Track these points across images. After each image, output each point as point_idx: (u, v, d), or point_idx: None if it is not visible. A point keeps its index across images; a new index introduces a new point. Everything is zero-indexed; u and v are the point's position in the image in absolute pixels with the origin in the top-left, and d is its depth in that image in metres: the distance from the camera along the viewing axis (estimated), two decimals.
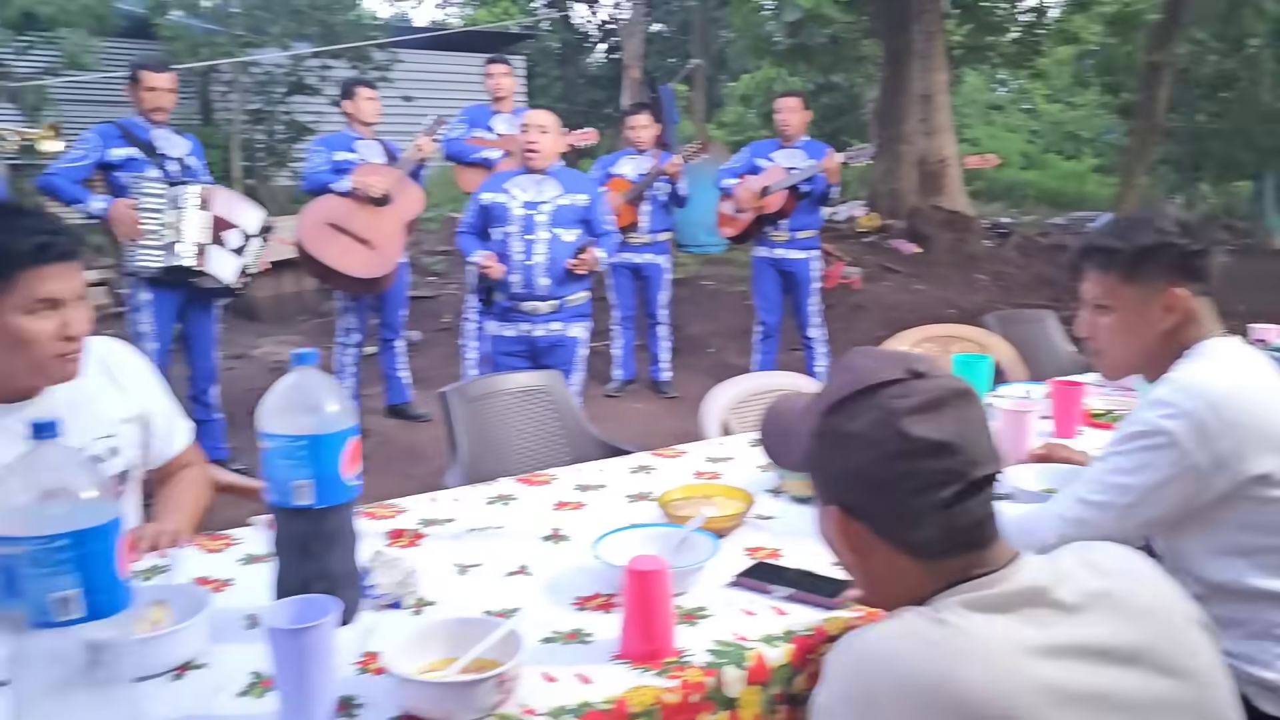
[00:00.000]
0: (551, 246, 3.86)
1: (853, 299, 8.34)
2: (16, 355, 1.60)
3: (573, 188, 3.95)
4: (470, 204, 4.07)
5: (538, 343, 3.98)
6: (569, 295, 3.96)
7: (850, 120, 17.77)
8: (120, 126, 4.31)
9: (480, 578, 1.65)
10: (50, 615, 1.08)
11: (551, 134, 3.90)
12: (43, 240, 1.57)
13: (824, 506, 1.13)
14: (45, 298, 1.59)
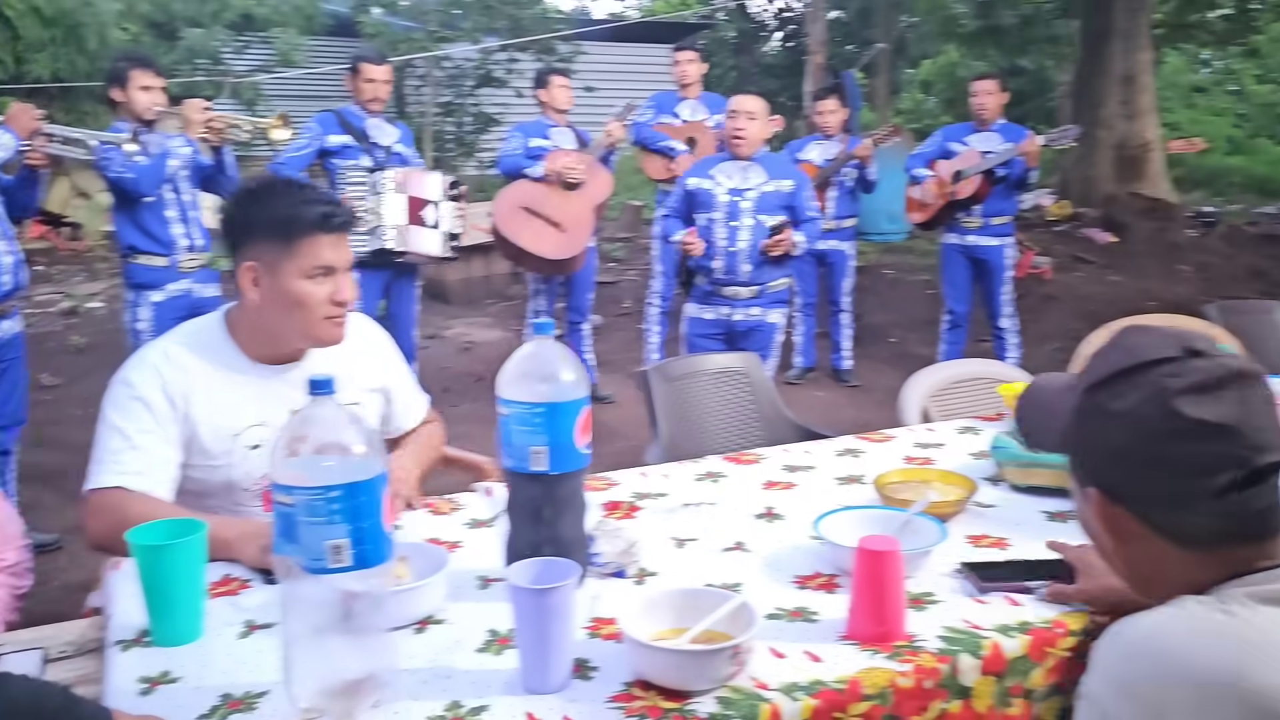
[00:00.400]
0: (755, 233, 3.86)
1: (1043, 289, 7.97)
2: (294, 316, 1.72)
3: (778, 174, 3.93)
4: (675, 189, 4.11)
5: (736, 326, 3.99)
6: (770, 281, 3.96)
7: (1037, 105, 16.94)
8: (338, 115, 4.57)
9: (698, 552, 1.66)
10: (322, 562, 1.15)
11: (759, 120, 3.89)
12: (325, 210, 1.69)
13: (1083, 489, 1.07)
14: (323, 264, 1.70)
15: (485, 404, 5.27)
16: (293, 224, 1.68)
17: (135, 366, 1.75)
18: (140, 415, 1.70)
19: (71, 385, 5.80)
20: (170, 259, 3.84)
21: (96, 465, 1.70)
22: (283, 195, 1.70)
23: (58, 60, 8.79)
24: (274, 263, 1.69)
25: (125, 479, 1.67)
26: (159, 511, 1.58)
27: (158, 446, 1.70)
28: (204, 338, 1.79)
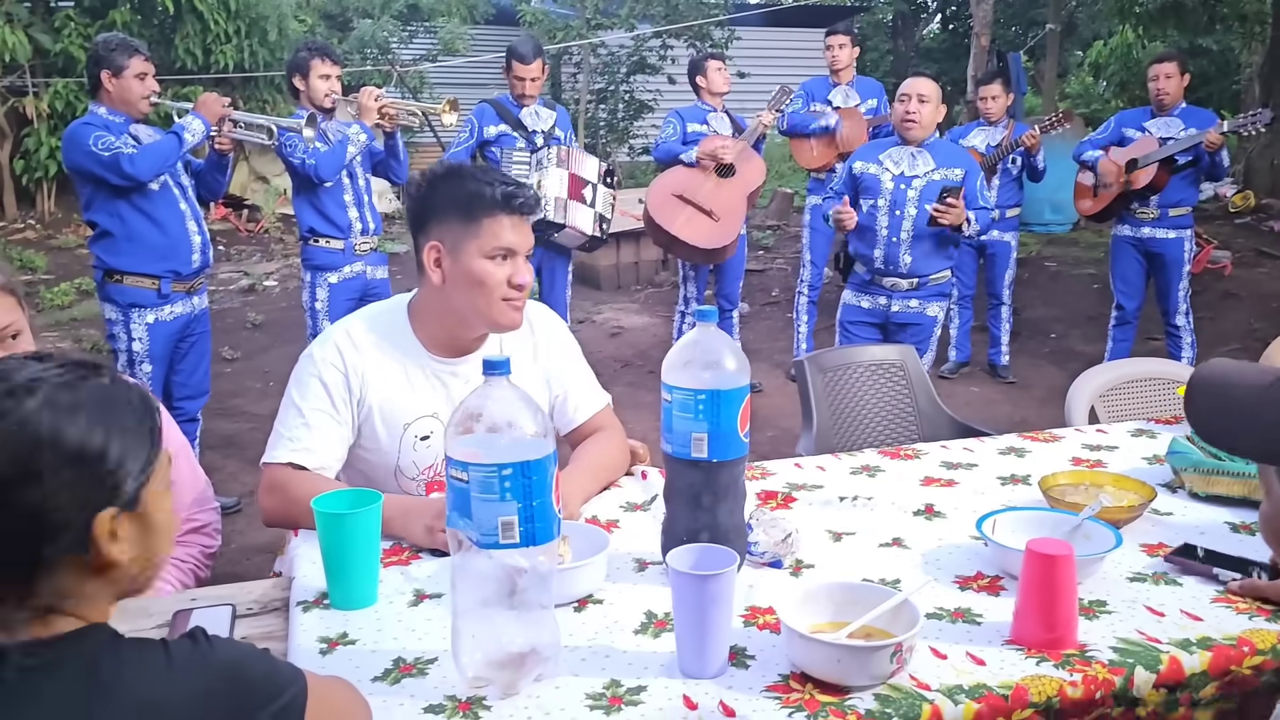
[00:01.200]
0: (918, 222, 3.72)
1: (1222, 285, 7.48)
2: (473, 296, 1.74)
3: (947, 162, 3.77)
4: (842, 171, 3.99)
5: (893, 318, 3.87)
6: (931, 273, 3.82)
7: (1220, 88, 15.87)
8: (495, 105, 4.70)
9: (855, 546, 1.64)
10: (494, 538, 1.19)
11: (931, 103, 3.72)
12: (509, 190, 1.71)
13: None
14: (504, 245, 1.72)
15: (633, 389, 5.34)
16: (476, 203, 1.70)
17: (320, 344, 1.82)
18: (319, 394, 1.77)
19: (250, 359, 6.17)
20: (346, 242, 4.04)
21: (275, 439, 1.78)
22: (468, 177, 1.73)
23: (241, 51, 9.31)
24: (456, 242, 1.72)
25: (298, 455, 1.75)
26: (326, 490, 1.65)
27: (331, 426, 1.77)
28: (386, 324, 1.83)
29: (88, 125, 3.49)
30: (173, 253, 3.63)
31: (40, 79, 9.14)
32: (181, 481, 1.84)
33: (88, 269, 7.85)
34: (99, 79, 3.51)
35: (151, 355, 3.66)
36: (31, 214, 9.60)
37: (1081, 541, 1.51)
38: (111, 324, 3.66)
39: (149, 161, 3.47)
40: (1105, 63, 16.59)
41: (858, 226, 3.83)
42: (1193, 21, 11.37)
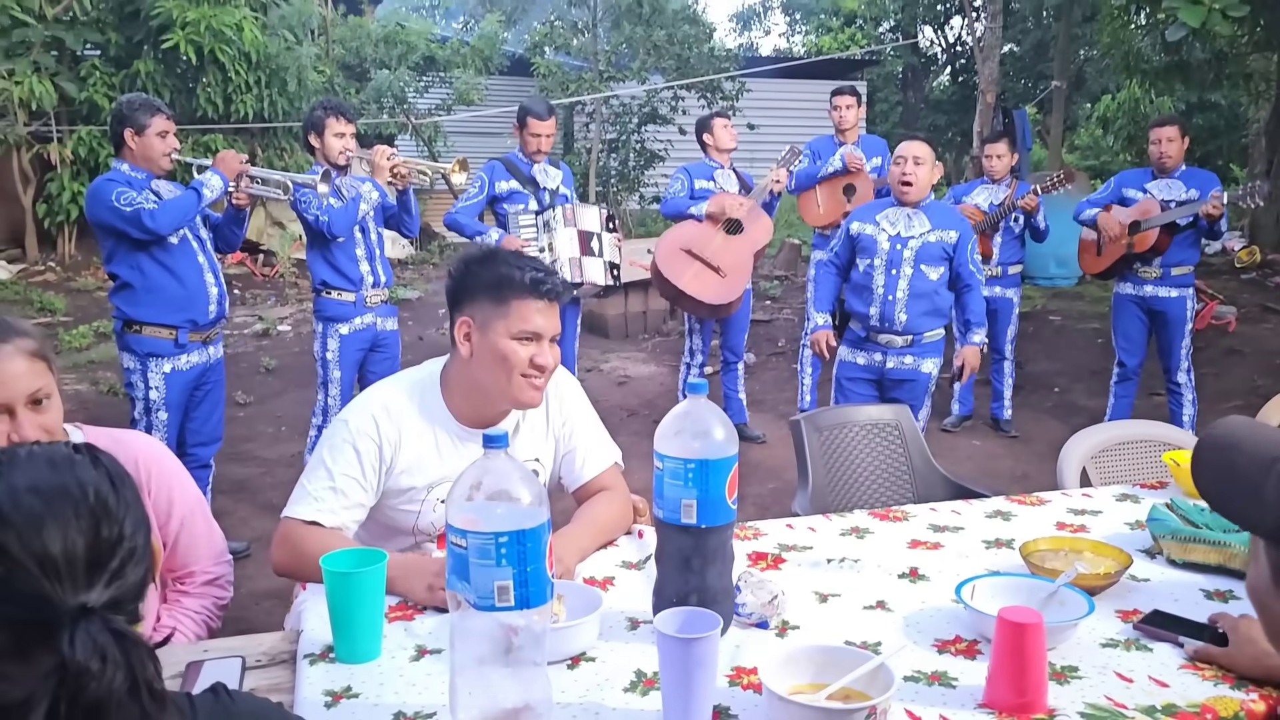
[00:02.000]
0: (913, 283, 3.83)
1: (1226, 342, 7.53)
2: (496, 372, 1.84)
3: (942, 223, 3.86)
4: (840, 233, 4.10)
5: (888, 374, 3.95)
6: (926, 331, 3.91)
7: (1229, 142, 16.02)
8: (506, 162, 4.82)
9: (840, 608, 1.70)
10: (490, 601, 1.26)
11: (926, 165, 3.83)
12: (538, 277, 1.82)
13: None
14: (530, 329, 1.82)
15: (639, 438, 5.40)
16: (506, 285, 1.81)
17: (357, 411, 1.91)
18: (350, 460, 1.86)
19: (263, 403, 6.26)
20: (357, 295, 4.15)
21: (300, 494, 1.88)
22: (502, 261, 1.85)
23: (261, 101, 9.53)
24: (486, 321, 1.83)
25: (321, 515, 1.84)
26: (314, 536, 1.78)
27: (356, 492, 1.87)
28: (420, 393, 1.93)
29: (111, 181, 3.62)
30: (190, 304, 3.74)
31: (65, 126, 9.36)
32: (197, 535, 1.92)
33: (106, 312, 7.99)
34: (122, 137, 3.65)
35: (167, 403, 3.76)
36: (52, 257, 9.79)
37: (1056, 608, 1.57)
38: (129, 373, 3.77)
39: (168, 216, 3.59)
40: (1113, 117, 16.76)
41: (855, 285, 3.95)
42: (1199, 78, 11.49)
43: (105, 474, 0.95)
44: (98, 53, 9.51)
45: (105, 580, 0.89)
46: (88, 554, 0.89)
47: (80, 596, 0.87)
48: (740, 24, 24.03)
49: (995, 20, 9.94)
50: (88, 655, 0.82)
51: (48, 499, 0.90)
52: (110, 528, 0.91)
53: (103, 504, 0.92)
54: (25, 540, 0.86)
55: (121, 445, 1.84)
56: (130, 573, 0.92)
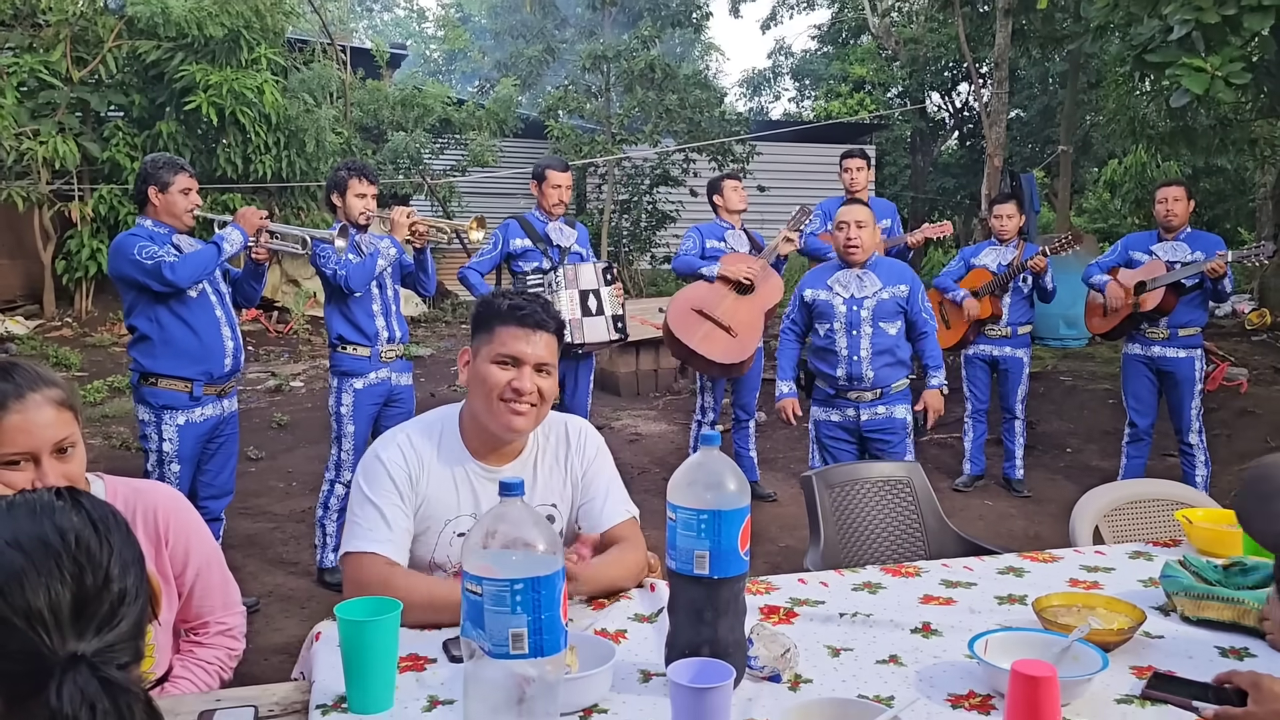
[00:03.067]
0: (875, 340, 3.99)
1: (1239, 403, 7.51)
2: (479, 395, 1.95)
3: (891, 279, 4.05)
4: (793, 301, 4.23)
5: (864, 426, 4.09)
6: (893, 382, 4.08)
7: (1236, 206, 16.12)
8: (521, 220, 4.90)
9: (853, 662, 1.69)
10: (504, 648, 1.27)
11: (869, 228, 4.01)
12: (515, 303, 1.95)
13: None
14: (509, 353, 1.93)
15: (650, 495, 5.40)
16: (491, 313, 1.96)
17: (385, 447, 1.99)
18: (390, 489, 1.94)
19: (274, 459, 6.29)
20: (373, 350, 4.19)
21: (353, 529, 1.94)
22: (498, 295, 2.00)
23: (279, 161, 9.71)
24: (478, 348, 1.98)
25: (378, 545, 1.90)
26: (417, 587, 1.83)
27: (401, 519, 1.94)
28: (439, 430, 2.02)
29: (133, 236, 3.70)
30: (206, 357, 3.78)
31: (86, 185, 9.54)
32: (212, 585, 1.93)
33: (120, 367, 8.07)
34: (147, 194, 3.74)
35: (180, 456, 3.79)
36: (69, 312, 9.90)
37: (1069, 663, 1.57)
38: (144, 425, 3.80)
39: (188, 269, 3.65)
40: (1120, 181, 16.91)
41: (818, 349, 4.10)
42: (1204, 144, 11.60)
43: (87, 518, 0.96)
44: (121, 114, 9.72)
45: (94, 628, 0.90)
46: (74, 603, 0.90)
47: (70, 646, 0.87)
48: (750, 89, 24.41)
49: (1001, 86, 10.11)
50: (75, 706, 0.83)
51: (29, 552, 0.90)
52: (95, 574, 0.92)
53: (85, 550, 0.92)
54: (8, 596, 0.87)
55: (141, 495, 1.86)
56: (123, 615, 0.93)
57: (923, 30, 15.87)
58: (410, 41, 25.36)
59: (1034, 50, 13.16)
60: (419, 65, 22.10)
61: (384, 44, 12.69)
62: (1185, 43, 5.53)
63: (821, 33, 21.22)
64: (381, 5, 30.62)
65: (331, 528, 4.25)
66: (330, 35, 11.27)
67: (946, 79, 18.36)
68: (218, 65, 9.11)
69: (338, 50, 11.23)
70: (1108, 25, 7.09)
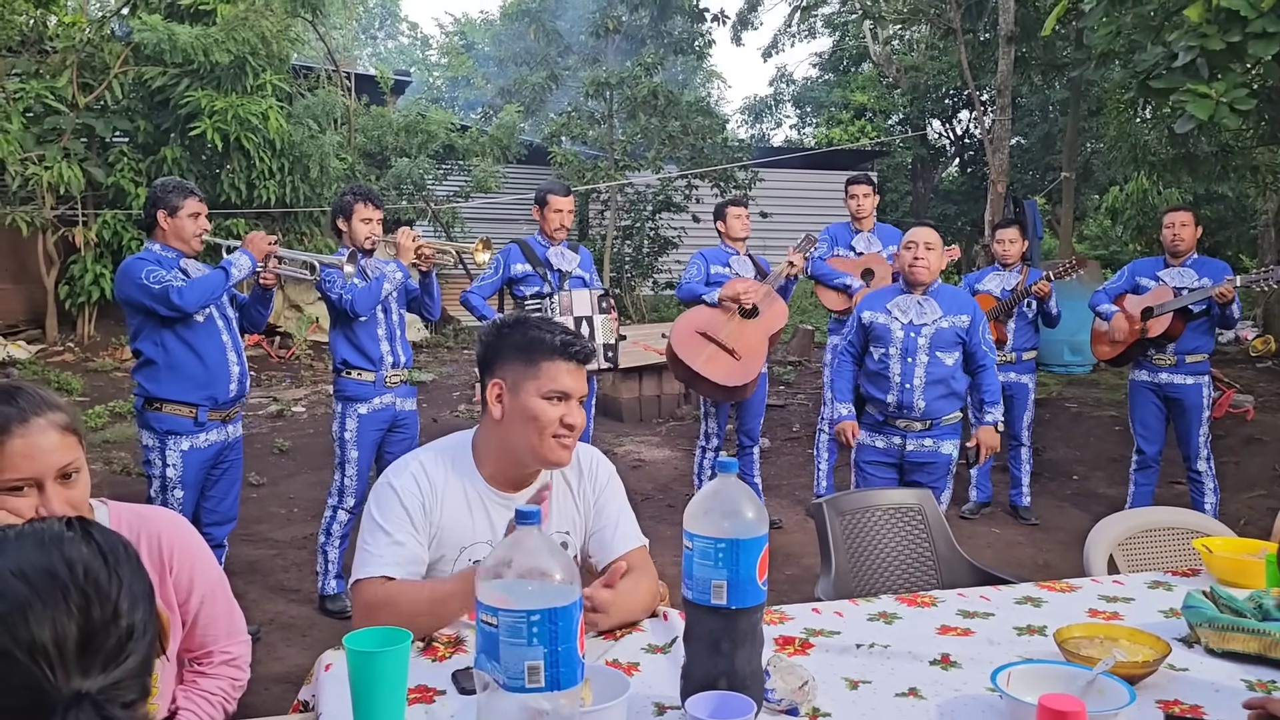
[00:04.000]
0: (930, 369, 3.85)
1: (1246, 430, 7.47)
2: (527, 431, 1.90)
3: (953, 309, 3.90)
4: (850, 322, 4.11)
5: (907, 457, 3.94)
6: (944, 415, 3.92)
7: (1238, 233, 16.16)
8: (523, 245, 4.88)
9: (872, 695, 1.66)
10: (520, 681, 1.24)
11: (936, 251, 3.88)
12: (567, 339, 1.90)
13: None
14: (560, 389, 1.89)
15: (654, 523, 5.36)
16: (537, 347, 1.89)
17: (397, 474, 1.96)
18: (402, 517, 1.91)
19: (275, 485, 6.24)
20: (377, 375, 4.16)
21: (364, 558, 1.90)
22: (532, 325, 1.93)
23: (284, 186, 9.72)
24: (517, 382, 1.90)
25: (389, 569, 1.88)
26: (418, 593, 1.84)
27: (414, 546, 1.92)
28: (453, 457, 1.99)
29: (141, 260, 3.68)
30: (212, 382, 3.75)
31: (90, 210, 9.55)
32: (217, 614, 1.89)
33: (123, 392, 8.04)
34: (156, 218, 3.73)
35: (184, 482, 3.75)
36: (72, 337, 9.89)
37: (1095, 697, 1.53)
38: (148, 450, 3.76)
39: (195, 294, 3.63)
40: (1122, 208, 16.95)
41: (870, 373, 3.96)
42: (1205, 171, 11.63)
43: (97, 549, 0.93)
44: (126, 139, 9.75)
45: (101, 664, 0.86)
46: (80, 638, 0.86)
47: (75, 683, 0.84)
48: (753, 116, 24.53)
49: (1004, 113, 10.14)
50: None
51: (35, 583, 0.87)
52: (103, 608, 0.88)
53: (94, 583, 0.89)
54: (13, 629, 0.84)
55: (145, 521, 1.83)
56: (131, 651, 0.89)
57: (923, 58, 15.96)
58: (414, 68, 25.52)
59: (1035, 77, 13.24)
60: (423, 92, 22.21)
61: (388, 71, 12.75)
62: (1190, 69, 5.54)
63: (823, 60, 21.36)
64: (386, 33, 30.86)
65: (334, 554, 4.21)
66: (335, 62, 11.33)
67: (947, 106, 18.46)
68: (223, 91, 9.14)
69: (342, 77, 11.29)
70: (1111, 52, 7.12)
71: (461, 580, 1.81)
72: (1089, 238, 18.53)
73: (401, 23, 31.39)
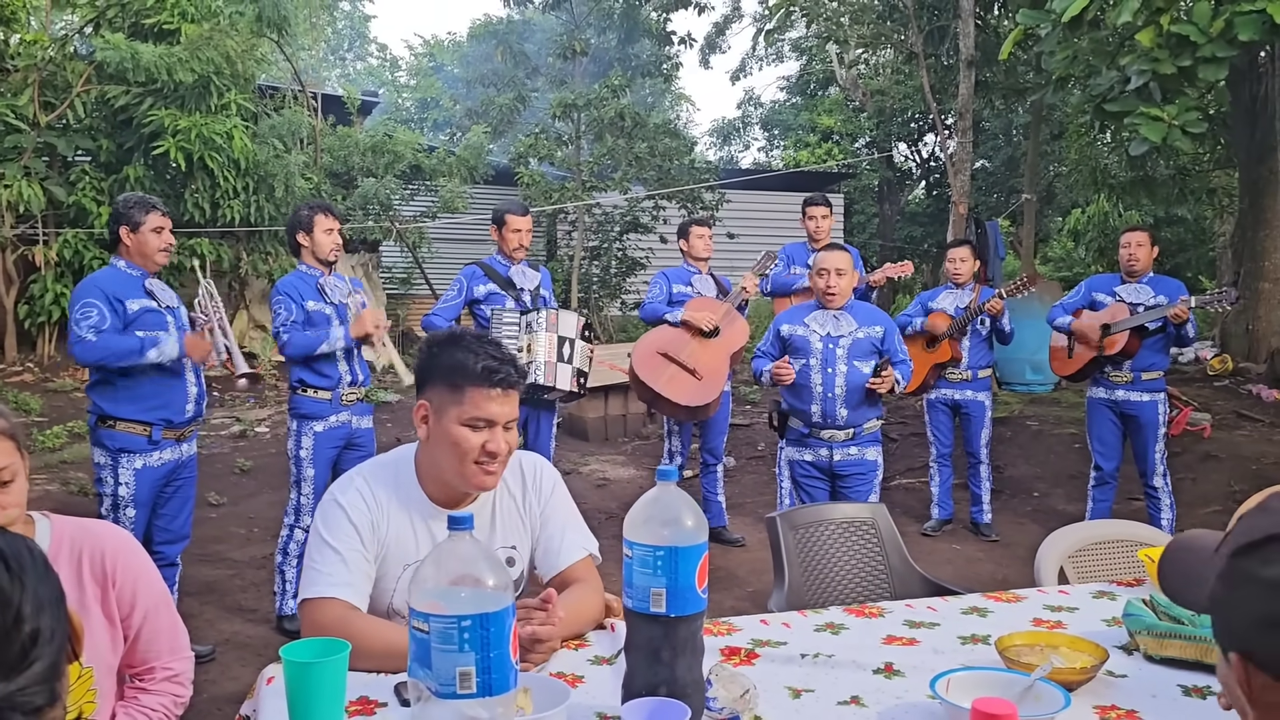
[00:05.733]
0: (849, 378, 4.01)
1: (1202, 448, 7.58)
2: (449, 456, 1.86)
3: (867, 321, 4.10)
4: (768, 333, 4.24)
5: (836, 467, 4.11)
6: (865, 423, 4.10)
7: (1196, 255, 16.44)
8: (483, 266, 4.87)
9: (814, 703, 1.66)
10: (452, 688, 1.23)
11: (848, 275, 4.07)
12: (492, 366, 1.83)
13: (1225, 653, 1.05)
14: (483, 416, 1.84)
15: (618, 541, 5.33)
16: (460, 373, 1.84)
17: (343, 490, 1.93)
18: (350, 533, 1.88)
19: (235, 504, 6.17)
20: (334, 393, 4.14)
21: (311, 575, 1.86)
22: (460, 346, 1.87)
23: (248, 206, 9.66)
24: (441, 406, 1.86)
25: (337, 590, 1.83)
26: (364, 619, 1.81)
27: (361, 563, 1.88)
28: (395, 473, 1.96)
29: (86, 289, 3.62)
30: (167, 404, 3.70)
31: (51, 229, 9.44)
32: (160, 630, 1.87)
33: (81, 412, 7.92)
34: (119, 234, 3.69)
35: (136, 500, 3.69)
36: (31, 357, 9.74)
37: (1031, 702, 1.55)
38: (100, 468, 3.71)
39: (95, 353, 3.56)
40: (1084, 230, 17.22)
41: (793, 385, 4.09)
42: (1164, 193, 11.87)
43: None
44: (88, 158, 9.66)
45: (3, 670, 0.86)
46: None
47: None
48: (720, 139, 24.72)
49: (966, 136, 10.27)
50: None
51: None
52: (4, 613, 0.88)
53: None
54: None
55: (89, 535, 1.81)
56: (36, 656, 0.88)
57: (889, 82, 16.16)
58: (383, 89, 25.51)
59: (997, 101, 13.44)
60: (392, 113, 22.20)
61: (356, 91, 12.73)
62: (1143, 93, 5.67)
63: (790, 84, 21.58)
64: (355, 54, 30.85)
65: (291, 574, 4.17)
66: (302, 82, 11.30)
67: (913, 129, 18.69)
68: (187, 110, 9.08)
69: (309, 97, 11.25)
70: (1068, 77, 7.25)
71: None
72: (1052, 259, 18.77)
73: (371, 44, 31.40)
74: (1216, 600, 1.05)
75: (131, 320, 3.65)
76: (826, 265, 4.06)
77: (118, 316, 3.62)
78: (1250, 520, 1.05)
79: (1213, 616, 1.06)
